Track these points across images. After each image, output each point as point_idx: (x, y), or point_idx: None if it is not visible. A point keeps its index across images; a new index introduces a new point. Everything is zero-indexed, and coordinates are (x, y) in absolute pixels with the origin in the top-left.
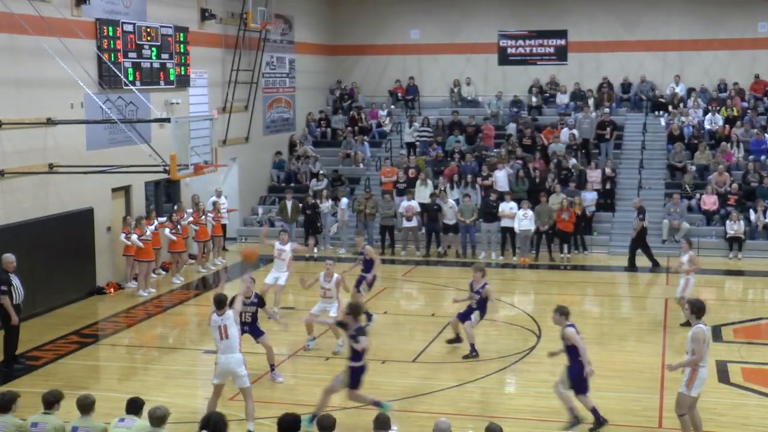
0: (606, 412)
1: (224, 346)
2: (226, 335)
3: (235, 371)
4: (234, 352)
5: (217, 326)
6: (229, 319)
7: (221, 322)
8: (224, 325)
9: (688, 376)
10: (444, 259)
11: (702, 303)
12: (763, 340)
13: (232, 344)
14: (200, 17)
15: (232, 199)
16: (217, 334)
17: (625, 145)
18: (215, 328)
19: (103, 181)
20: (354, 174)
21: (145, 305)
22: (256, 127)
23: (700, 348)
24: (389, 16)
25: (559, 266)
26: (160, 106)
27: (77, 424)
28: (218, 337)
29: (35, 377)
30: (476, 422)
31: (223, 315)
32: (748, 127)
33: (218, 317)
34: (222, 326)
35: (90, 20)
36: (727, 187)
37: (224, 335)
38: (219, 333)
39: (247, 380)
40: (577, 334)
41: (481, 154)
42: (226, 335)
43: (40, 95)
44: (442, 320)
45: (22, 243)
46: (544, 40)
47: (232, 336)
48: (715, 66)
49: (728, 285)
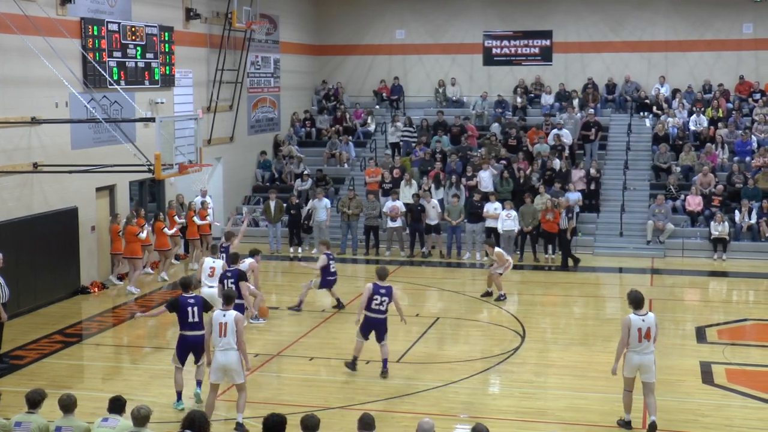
0: (590, 413)
1: (223, 343)
2: (225, 333)
3: (232, 369)
4: (233, 350)
5: (218, 322)
6: (231, 318)
7: (223, 319)
8: (225, 322)
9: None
10: (428, 260)
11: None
12: (746, 341)
13: (230, 342)
14: (185, 17)
15: (216, 199)
16: (216, 330)
17: (609, 145)
18: (216, 324)
19: (87, 181)
20: (339, 174)
21: (129, 305)
22: (240, 127)
23: (624, 334)
24: (375, 16)
25: (543, 267)
26: (145, 105)
27: (60, 424)
28: (217, 333)
29: (19, 376)
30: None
31: (227, 312)
32: (733, 128)
33: (221, 313)
34: (223, 323)
35: (75, 19)
36: (711, 188)
37: (224, 333)
38: (219, 330)
39: (242, 376)
40: None
41: (466, 155)
42: (225, 333)
43: (25, 94)
44: (426, 320)
45: (6, 242)
46: (529, 40)
47: (230, 334)
48: (701, 67)
49: (712, 286)
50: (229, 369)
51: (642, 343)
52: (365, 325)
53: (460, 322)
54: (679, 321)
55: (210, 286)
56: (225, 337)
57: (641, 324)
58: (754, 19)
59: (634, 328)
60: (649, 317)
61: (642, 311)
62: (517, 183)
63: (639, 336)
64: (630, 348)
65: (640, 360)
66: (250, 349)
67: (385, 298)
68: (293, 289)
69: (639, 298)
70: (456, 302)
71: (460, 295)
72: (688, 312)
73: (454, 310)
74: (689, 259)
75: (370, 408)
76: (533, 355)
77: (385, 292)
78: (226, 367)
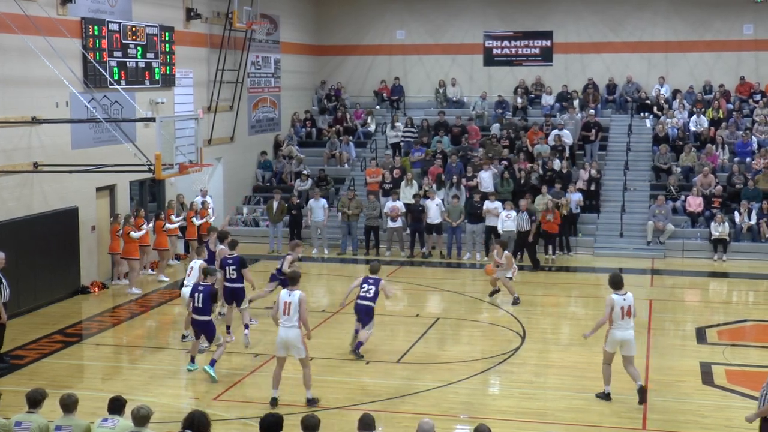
0: (590, 414)
1: (285, 320)
2: (288, 311)
3: (293, 344)
4: (294, 327)
5: (284, 301)
6: (296, 298)
7: (288, 298)
8: (290, 302)
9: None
10: (429, 260)
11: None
12: (746, 342)
13: (292, 320)
14: (186, 17)
15: (217, 199)
16: (282, 308)
17: (610, 146)
18: (281, 303)
19: (87, 181)
20: (339, 174)
21: (129, 305)
22: (241, 127)
23: (607, 311)
24: (375, 17)
25: (543, 267)
26: (146, 105)
27: (60, 423)
28: (281, 311)
29: (19, 376)
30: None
31: (293, 292)
32: (733, 128)
33: (287, 292)
34: (288, 302)
35: (75, 19)
36: (712, 189)
37: (287, 311)
38: (284, 308)
39: (303, 351)
40: None
41: (467, 155)
42: (288, 311)
43: (25, 94)
44: (427, 321)
45: (6, 242)
46: (529, 41)
47: (293, 312)
48: (701, 67)
49: (713, 287)
50: (290, 344)
51: (624, 320)
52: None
53: (460, 322)
54: (679, 322)
55: (186, 286)
56: (288, 315)
57: (623, 302)
58: (754, 20)
59: (617, 306)
60: (629, 296)
61: (622, 291)
62: (517, 183)
63: (621, 313)
64: (613, 326)
65: (622, 336)
66: (250, 349)
67: (371, 287)
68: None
69: (619, 280)
70: (456, 302)
71: (460, 296)
72: (688, 313)
73: (454, 310)
74: (689, 259)
75: (370, 408)
76: (533, 356)
77: (373, 282)
78: (288, 343)
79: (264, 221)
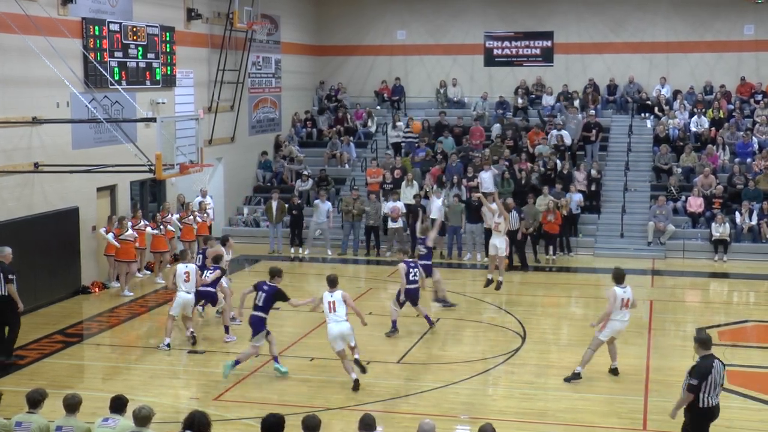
0: (591, 414)
1: (333, 317)
2: (334, 309)
3: (347, 335)
4: (344, 321)
5: (327, 301)
6: (339, 296)
7: (331, 298)
8: (333, 300)
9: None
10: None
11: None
12: (747, 342)
13: (341, 315)
14: (186, 17)
15: (217, 199)
16: (327, 308)
17: (610, 147)
18: (325, 303)
19: (88, 181)
20: (340, 175)
21: (129, 305)
22: (241, 127)
23: (611, 303)
24: (375, 17)
25: (544, 268)
26: (146, 105)
27: (61, 424)
28: (327, 310)
29: (19, 376)
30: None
31: (334, 293)
32: (734, 129)
33: (329, 294)
34: (331, 302)
35: (76, 19)
36: (712, 190)
37: (332, 309)
38: (329, 307)
39: (354, 340)
40: None
41: (468, 155)
42: (334, 309)
43: (26, 94)
44: (427, 322)
45: (7, 242)
46: (530, 41)
47: (339, 307)
48: (702, 68)
49: (713, 287)
50: (345, 336)
51: (622, 311)
52: None
53: (460, 323)
54: (679, 322)
55: (187, 292)
56: (334, 312)
57: (623, 295)
58: (755, 21)
59: (619, 298)
60: (629, 289)
61: (623, 285)
62: (518, 184)
63: (621, 304)
64: (613, 316)
65: (620, 327)
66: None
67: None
68: (294, 289)
69: (621, 274)
70: (457, 303)
71: (460, 296)
72: (689, 313)
73: (454, 310)
74: (690, 260)
75: (371, 409)
76: (534, 356)
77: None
78: (343, 335)
79: (264, 222)
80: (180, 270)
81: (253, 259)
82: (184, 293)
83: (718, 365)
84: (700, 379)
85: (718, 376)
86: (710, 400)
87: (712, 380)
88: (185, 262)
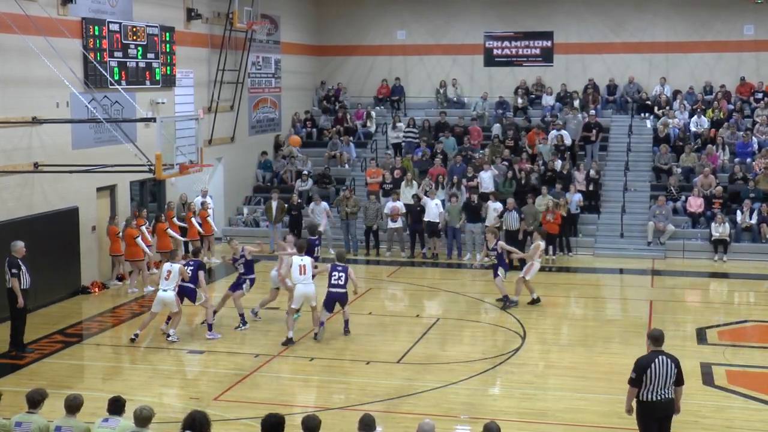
0: (591, 414)
1: (302, 278)
2: (304, 272)
3: (310, 296)
4: (311, 283)
5: (298, 264)
6: (308, 261)
7: (301, 262)
8: (304, 264)
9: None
10: (429, 261)
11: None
12: (747, 342)
13: (308, 278)
14: (186, 17)
15: (217, 199)
16: (297, 270)
17: (610, 147)
18: (295, 266)
19: (88, 181)
20: (340, 175)
21: (129, 305)
22: (241, 127)
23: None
24: (375, 17)
25: (544, 268)
26: (146, 105)
27: (61, 424)
28: (297, 273)
29: (19, 376)
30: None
31: (303, 257)
32: (734, 129)
33: (299, 258)
34: (302, 265)
35: (76, 19)
36: (712, 190)
37: (303, 272)
38: (299, 270)
39: (314, 301)
40: None
41: (468, 155)
42: (304, 272)
43: (26, 94)
44: (427, 321)
45: (7, 242)
46: (530, 41)
47: (308, 273)
48: (701, 68)
49: (713, 287)
50: (309, 297)
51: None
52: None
53: (460, 323)
54: (679, 322)
55: (164, 290)
56: (305, 275)
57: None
58: (754, 21)
59: None
60: None
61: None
62: (518, 184)
63: None
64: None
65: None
66: (250, 349)
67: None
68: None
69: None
70: (456, 303)
71: (460, 296)
72: (689, 313)
73: (454, 311)
74: (690, 260)
75: (371, 409)
76: (534, 356)
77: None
78: (307, 295)
79: (264, 221)
80: (164, 268)
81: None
82: (161, 291)
83: (662, 361)
84: (638, 373)
85: (661, 371)
86: (649, 395)
87: (652, 375)
88: (171, 261)
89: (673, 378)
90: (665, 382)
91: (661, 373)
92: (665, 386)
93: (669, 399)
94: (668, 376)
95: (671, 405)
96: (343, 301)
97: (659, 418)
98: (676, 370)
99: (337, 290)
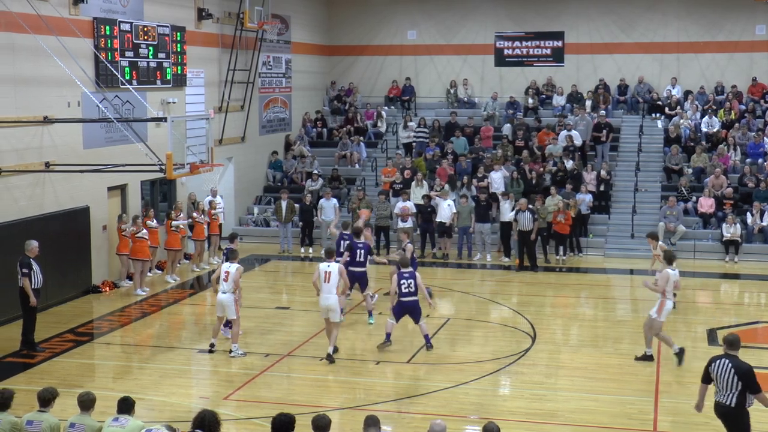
0: (600, 415)
1: (325, 288)
2: (328, 280)
3: (331, 308)
4: (332, 294)
5: (324, 271)
6: (335, 268)
7: (327, 269)
8: (329, 271)
9: (657, 306)
10: (439, 260)
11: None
12: (759, 343)
13: (331, 288)
14: (197, 17)
15: (227, 199)
16: (322, 277)
17: (621, 147)
18: (322, 273)
19: (99, 180)
20: (350, 174)
21: (140, 304)
22: (252, 127)
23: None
24: (386, 17)
25: (554, 268)
26: (157, 105)
27: (75, 421)
28: (323, 279)
29: (30, 375)
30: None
31: (331, 264)
32: (745, 129)
33: (326, 264)
34: (327, 272)
35: (87, 19)
36: (723, 190)
37: (327, 279)
38: (324, 276)
39: (337, 316)
40: None
41: (478, 155)
42: (328, 280)
43: (38, 93)
44: (437, 321)
45: (18, 241)
46: (540, 41)
47: (333, 281)
48: (713, 68)
49: (724, 288)
50: (329, 309)
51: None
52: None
53: (470, 323)
54: (690, 323)
55: (223, 292)
56: (328, 283)
57: (675, 277)
58: (766, 21)
59: (672, 279)
60: (677, 271)
61: (674, 266)
62: (528, 184)
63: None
64: (667, 296)
65: (671, 306)
66: (260, 349)
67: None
68: (304, 289)
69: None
70: (467, 303)
71: (470, 296)
72: (700, 314)
73: (464, 311)
74: (701, 261)
75: (381, 409)
76: (544, 357)
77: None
78: (327, 308)
79: (274, 221)
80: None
81: (264, 259)
82: (220, 293)
83: (723, 363)
84: (705, 369)
85: (720, 373)
86: (714, 396)
87: (714, 375)
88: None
89: (739, 386)
90: (724, 386)
91: (718, 375)
92: (725, 390)
93: (727, 406)
94: (727, 380)
95: (729, 411)
96: (416, 312)
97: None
98: (737, 376)
99: (408, 299)
